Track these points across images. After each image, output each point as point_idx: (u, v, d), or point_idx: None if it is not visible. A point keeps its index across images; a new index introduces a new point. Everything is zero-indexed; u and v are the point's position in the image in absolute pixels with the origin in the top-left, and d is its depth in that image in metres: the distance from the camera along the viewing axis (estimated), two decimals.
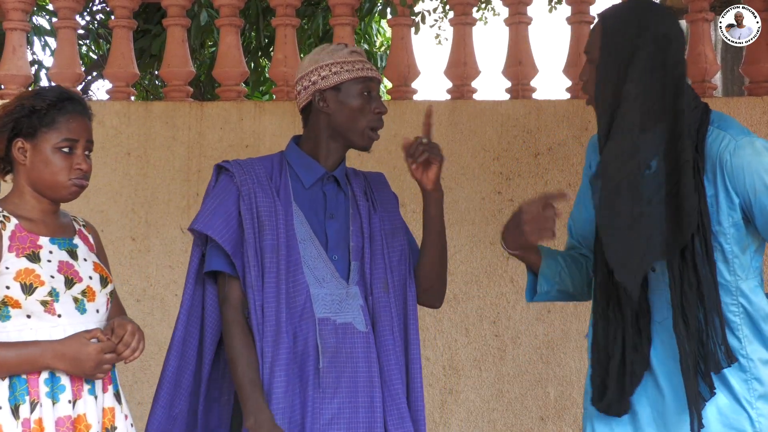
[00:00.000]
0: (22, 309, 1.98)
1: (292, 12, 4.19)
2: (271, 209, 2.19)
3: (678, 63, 1.98)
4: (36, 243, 2.04)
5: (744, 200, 1.95)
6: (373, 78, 2.27)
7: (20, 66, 4.18)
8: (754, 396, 1.96)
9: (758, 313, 1.98)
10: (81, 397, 2.01)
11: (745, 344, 1.98)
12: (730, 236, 1.96)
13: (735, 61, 6.11)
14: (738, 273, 1.98)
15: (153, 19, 6.44)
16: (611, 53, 1.99)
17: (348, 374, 2.18)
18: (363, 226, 2.27)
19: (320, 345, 2.15)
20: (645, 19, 1.99)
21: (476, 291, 3.86)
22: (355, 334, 2.20)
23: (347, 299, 2.21)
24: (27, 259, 2.01)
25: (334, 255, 2.22)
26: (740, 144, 1.96)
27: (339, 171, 2.30)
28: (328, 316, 2.18)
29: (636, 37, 1.97)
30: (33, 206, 2.09)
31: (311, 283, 2.18)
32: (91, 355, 1.97)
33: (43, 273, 2.00)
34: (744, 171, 1.94)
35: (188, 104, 4.04)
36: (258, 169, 2.25)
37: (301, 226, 2.21)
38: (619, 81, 1.97)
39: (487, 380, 3.84)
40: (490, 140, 3.91)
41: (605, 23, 2.04)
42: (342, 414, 2.15)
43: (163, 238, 3.94)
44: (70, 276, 2.05)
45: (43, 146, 2.06)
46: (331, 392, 2.16)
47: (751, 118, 3.87)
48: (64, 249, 2.09)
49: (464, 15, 4.14)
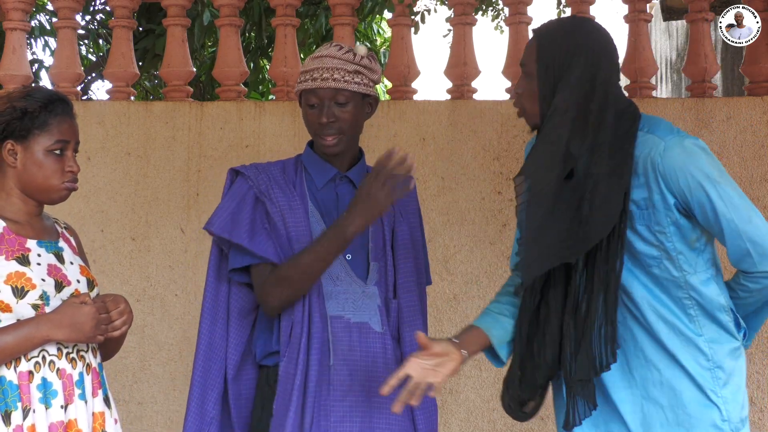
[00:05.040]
0: (13, 313, 1.95)
1: (293, 12, 4.19)
2: (290, 203, 2.24)
3: (607, 79, 2.04)
4: (24, 246, 2.02)
5: (681, 200, 1.98)
6: (315, 90, 2.23)
7: (20, 66, 4.18)
8: (719, 384, 2.00)
9: (711, 305, 2.02)
10: (72, 402, 2.00)
11: (704, 333, 2.02)
12: (670, 234, 2.00)
13: (735, 61, 6.11)
14: (684, 268, 2.01)
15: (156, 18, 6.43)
16: (546, 68, 2.04)
17: (362, 373, 2.18)
18: (385, 228, 2.28)
19: (331, 342, 2.16)
20: (578, 36, 2.05)
21: (476, 291, 3.86)
22: (372, 334, 2.21)
23: (364, 298, 2.22)
24: (17, 262, 1.98)
25: (348, 254, 2.23)
26: (669, 145, 1.99)
27: (353, 171, 2.31)
28: (341, 314, 2.20)
29: (568, 54, 2.03)
30: (19, 208, 2.07)
31: (324, 280, 2.20)
32: (88, 316, 1.95)
33: (34, 276, 1.98)
34: (676, 171, 1.97)
35: (188, 104, 4.04)
36: (272, 169, 2.31)
37: (316, 223, 2.24)
38: (551, 95, 2.03)
39: (487, 380, 3.84)
40: (490, 140, 3.91)
41: (540, 39, 2.09)
42: (355, 413, 2.16)
43: (163, 238, 3.94)
44: (59, 279, 2.03)
45: (34, 148, 2.03)
46: (344, 390, 2.17)
47: (751, 118, 3.87)
48: (51, 252, 2.07)
49: (464, 15, 4.14)
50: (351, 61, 2.24)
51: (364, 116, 2.31)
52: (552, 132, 2.02)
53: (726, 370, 2.01)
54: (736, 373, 2.04)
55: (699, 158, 1.99)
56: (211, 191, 3.89)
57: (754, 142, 3.85)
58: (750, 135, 3.85)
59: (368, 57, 2.27)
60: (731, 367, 2.02)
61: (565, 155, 1.99)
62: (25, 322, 1.94)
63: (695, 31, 4.05)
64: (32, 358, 1.97)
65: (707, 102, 3.90)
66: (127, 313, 2.07)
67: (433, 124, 3.93)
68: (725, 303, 2.03)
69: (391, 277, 2.27)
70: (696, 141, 2.02)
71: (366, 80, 2.26)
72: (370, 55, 2.29)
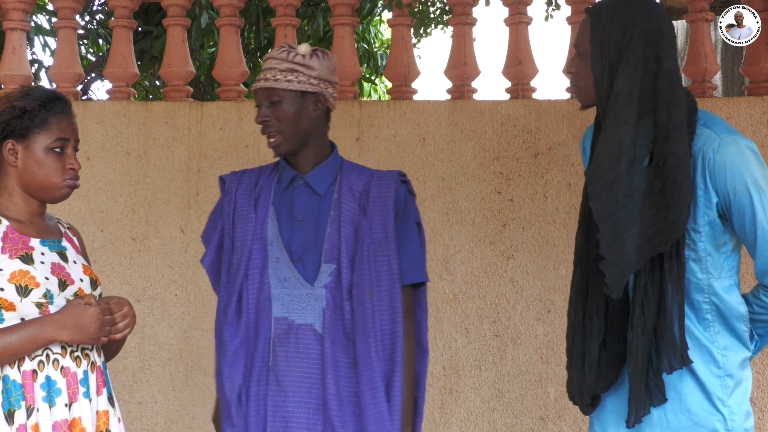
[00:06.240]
0: (17, 312, 1.95)
1: (292, 12, 4.19)
2: (246, 213, 2.31)
3: (671, 56, 1.98)
4: (28, 244, 2.02)
5: (723, 198, 1.95)
6: (254, 92, 2.31)
7: (20, 66, 4.18)
8: (726, 393, 1.97)
9: (731, 312, 1.98)
10: (77, 401, 2.00)
11: (718, 339, 1.98)
12: (704, 234, 1.96)
13: (735, 61, 6.12)
14: (710, 271, 1.98)
15: (153, 20, 6.43)
16: (602, 49, 1.99)
17: (297, 374, 2.22)
18: (343, 229, 2.26)
19: (273, 343, 2.21)
20: (634, 14, 1.99)
21: (476, 291, 3.86)
22: (314, 336, 2.22)
23: (310, 300, 2.23)
24: (21, 261, 1.98)
25: (297, 256, 2.25)
26: (724, 142, 1.96)
27: (313, 174, 2.31)
28: (285, 316, 2.23)
29: (626, 34, 1.97)
30: (21, 208, 2.07)
31: (273, 283, 2.25)
32: (92, 317, 1.96)
33: (38, 275, 1.98)
34: (726, 169, 1.94)
35: (188, 104, 4.04)
36: (248, 177, 2.38)
37: (272, 228, 2.28)
38: (611, 77, 1.98)
39: (487, 380, 3.84)
40: (490, 140, 3.91)
41: (593, 19, 2.03)
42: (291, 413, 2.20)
43: (163, 238, 3.94)
44: (62, 278, 2.03)
45: (35, 147, 2.04)
46: (284, 391, 2.21)
47: (751, 118, 3.87)
48: (54, 251, 2.07)
49: (464, 15, 4.14)
50: (284, 60, 2.26)
51: (310, 114, 2.29)
52: (619, 116, 1.95)
53: (735, 378, 1.98)
54: (744, 383, 2.01)
55: (751, 162, 1.96)
56: (211, 191, 3.89)
57: (755, 142, 3.84)
58: (750, 135, 3.84)
59: (312, 55, 2.28)
60: (740, 377, 2.00)
61: (634, 139, 1.93)
62: (30, 323, 1.94)
63: (695, 31, 4.05)
64: (36, 357, 1.97)
65: (707, 102, 3.90)
66: (131, 316, 2.08)
67: (433, 124, 3.93)
68: (744, 313, 2.00)
69: (347, 278, 2.23)
70: (750, 144, 1.99)
71: (303, 78, 2.26)
72: (319, 53, 2.29)
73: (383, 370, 2.20)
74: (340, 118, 3.89)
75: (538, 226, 3.86)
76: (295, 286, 2.23)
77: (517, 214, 3.87)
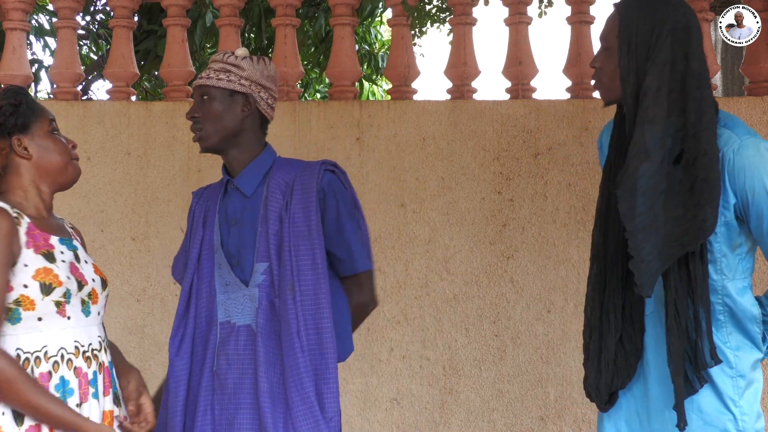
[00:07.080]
0: (35, 311, 1.94)
1: (292, 12, 4.19)
2: (199, 224, 2.38)
3: (699, 54, 1.97)
4: (48, 242, 2.02)
5: (741, 200, 1.94)
6: (194, 88, 2.38)
7: (20, 66, 4.18)
8: (738, 393, 1.96)
9: (743, 314, 1.98)
10: (87, 401, 2.00)
11: (730, 340, 1.98)
12: (720, 235, 1.96)
13: (735, 61, 6.11)
14: (725, 272, 1.97)
15: (157, 19, 6.43)
16: (629, 45, 1.97)
17: (237, 374, 2.24)
18: (270, 228, 2.27)
19: (217, 348, 2.26)
20: (664, 12, 1.97)
21: (476, 291, 3.86)
22: (252, 336, 2.23)
23: (246, 301, 2.26)
24: (44, 258, 1.98)
25: (235, 259, 2.29)
26: (745, 144, 1.96)
27: (241, 178, 2.33)
28: (227, 320, 2.27)
29: (654, 32, 1.96)
30: (37, 204, 2.07)
31: (218, 289, 2.29)
32: None
33: (60, 273, 1.98)
34: (746, 171, 1.93)
35: (188, 104, 4.03)
36: (210, 190, 2.45)
37: (216, 236, 2.34)
38: (640, 75, 1.96)
39: (487, 380, 3.84)
40: (490, 140, 3.91)
41: (622, 14, 2.01)
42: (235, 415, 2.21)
43: (163, 238, 3.94)
44: (78, 278, 2.03)
45: (38, 134, 2.07)
46: (228, 393, 2.23)
47: (751, 118, 3.87)
48: (70, 250, 2.07)
49: (464, 15, 4.14)
50: (219, 60, 2.35)
51: (237, 114, 2.31)
52: (647, 115, 1.93)
53: (747, 379, 1.98)
54: (755, 384, 2.00)
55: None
56: None
57: None
58: None
59: (246, 58, 2.34)
60: (752, 377, 1.99)
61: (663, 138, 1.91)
62: (79, 415, 1.94)
63: None
64: (51, 358, 1.96)
65: None
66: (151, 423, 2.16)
67: (433, 124, 3.93)
68: (758, 314, 1.99)
69: (276, 275, 2.24)
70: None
71: (234, 78, 2.31)
72: (255, 58, 2.35)
73: (311, 365, 2.17)
74: (340, 118, 3.89)
75: (538, 226, 3.86)
76: (234, 290, 2.27)
77: (517, 214, 3.87)
